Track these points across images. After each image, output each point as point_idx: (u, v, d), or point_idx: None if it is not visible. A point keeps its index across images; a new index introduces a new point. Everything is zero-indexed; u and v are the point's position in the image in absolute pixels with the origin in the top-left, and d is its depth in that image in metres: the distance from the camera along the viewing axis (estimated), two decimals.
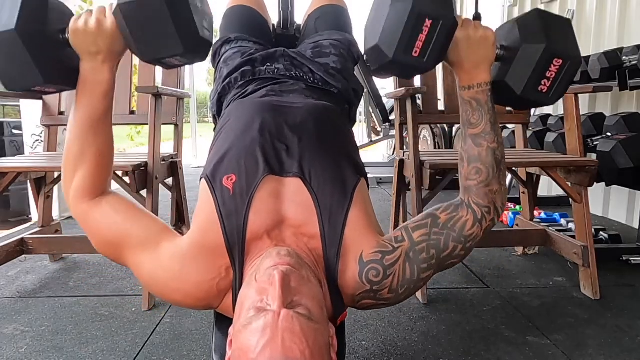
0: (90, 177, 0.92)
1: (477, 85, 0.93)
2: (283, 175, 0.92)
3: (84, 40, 0.87)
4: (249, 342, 0.67)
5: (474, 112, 0.93)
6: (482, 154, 0.93)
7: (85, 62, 0.90)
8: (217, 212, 0.88)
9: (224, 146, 1.00)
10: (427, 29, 0.83)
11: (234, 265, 0.87)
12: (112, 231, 0.90)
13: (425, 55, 0.86)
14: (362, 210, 0.92)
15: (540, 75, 0.90)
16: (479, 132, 0.93)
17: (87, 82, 0.90)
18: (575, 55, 0.90)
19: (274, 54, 1.38)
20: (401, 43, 0.84)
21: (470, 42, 0.90)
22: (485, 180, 0.93)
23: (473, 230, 0.92)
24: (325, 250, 0.87)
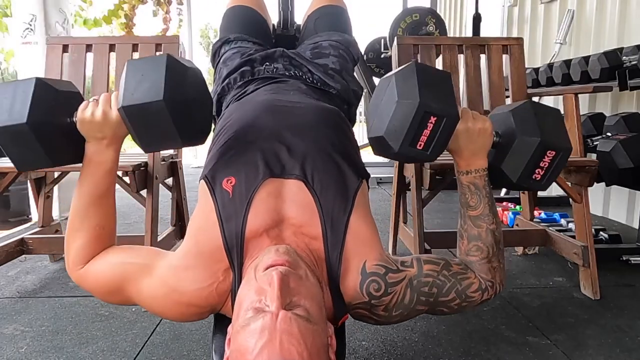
0: (88, 247, 0.95)
1: (474, 170, 0.97)
2: (284, 177, 0.92)
3: (90, 128, 0.91)
4: (247, 344, 0.67)
5: (473, 196, 0.97)
6: (481, 234, 0.97)
7: (90, 144, 0.94)
8: (217, 215, 0.88)
9: (223, 147, 1.00)
10: (431, 125, 0.88)
11: (233, 267, 0.87)
12: (109, 278, 0.92)
13: (429, 149, 0.90)
14: (363, 215, 0.92)
15: (535, 166, 0.96)
16: (478, 214, 0.97)
17: (91, 161, 0.94)
18: (567, 147, 0.97)
19: (273, 54, 1.38)
20: (407, 138, 0.88)
21: (469, 133, 0.94)
22: (486, 257, 0.96)
23: (475, 294, 0.94)
24: (327, 253, 0.87)
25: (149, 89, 0.86)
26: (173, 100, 0.86)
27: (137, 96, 0.86)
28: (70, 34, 3.06)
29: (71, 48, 1.93)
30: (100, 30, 5.28)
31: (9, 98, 0.87)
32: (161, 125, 0.88)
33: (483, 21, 4.09)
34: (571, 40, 3.45)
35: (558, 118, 1.00)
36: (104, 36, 4.27)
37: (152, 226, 1.74)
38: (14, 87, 0.88)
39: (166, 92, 0.85)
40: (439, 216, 2.90)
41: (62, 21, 2.89)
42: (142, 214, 1.81)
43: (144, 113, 0.87)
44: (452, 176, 1.62)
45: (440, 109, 0.87)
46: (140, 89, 0.87)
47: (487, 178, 0.98)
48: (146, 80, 0.87)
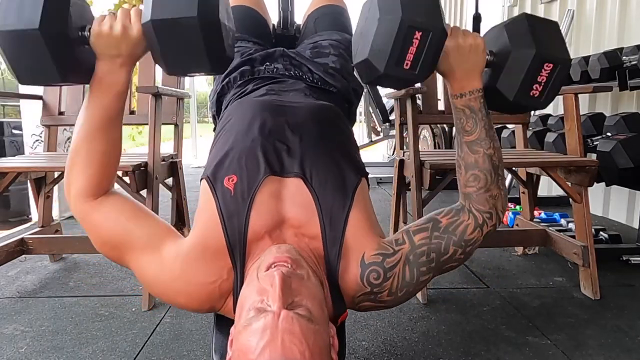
0: (96, 177, 0.90)
1: (469, 92, 0.93)
2: (284, 176, 0.92)
3: (106, 44, 0.86)
4: (249, 343, 0.66)
5: (468, 120, 0.94)
6: (478, 160, 0.94)
7: (102, 62, 0.88)
8: (219, 214, 0.88)
9: (224, 147, 1.00)
10: (417, 42, 0.83)
11: (235, 266, 0.87)
12: (114, 233, 0.89)
13: (417, 68, 0.86)
14: (362, 210, 0.92)
15: (532, 81, 0.91)
16: (474, 139, 0.94)
17: (102, 82, 0.89)
18: (565, 59, 0.91)
19: (273, 53, 1.38)
20: (392, 57, 0.84)
21: (460, 50, 0.90)
22: (484, 187, 0.93)
23: (473, 235, 0.92)
24: (326, 251, 0.87)
25: (182, 4, 0.80)
26: (206, 18, 0.81)
27: (168, 10, 0.81)
28: None
29: None
30: None
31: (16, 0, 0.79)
32: (190, 45, 0.83)
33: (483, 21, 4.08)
34: (571, 40, 3.45)
35: (556, 30, 0.94)
36: None
37: None
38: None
39: (200, 8, 0.80)
40: None
41: None
42: None
43: (174, 29, 0.81)
44: (452, 176, 1.62)
45: (425, 23, 0.82)
46: (172, 3, 0.81)
47: (482, 100, 0.93)
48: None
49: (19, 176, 1.75)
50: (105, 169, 0.92)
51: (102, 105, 0.89)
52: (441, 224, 0.92)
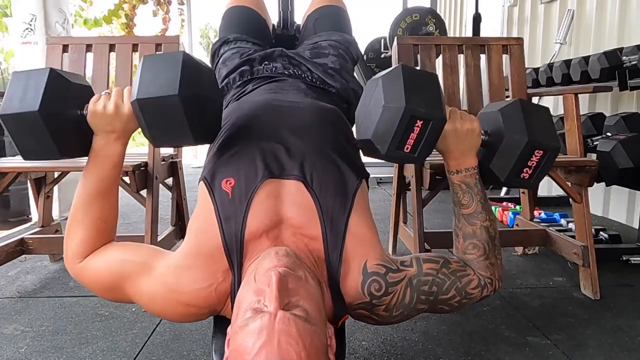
0: (89, 241, 0.94)
1: (465, 170, 0.98)
2: (283, 178, 0.92)
3: (100, 122, 0.91)
4: (245, 344, 0.67)
5: (464, 195, 0.98)
6: (476, 231, 0.97)
7: (98, 137, 0.94)
8: (216, 216, 0.88)
9: (222, 148, 1.00)
10: (418, 129, 0.88)
11: (232, 268, 0.86)
12: (107, 275, 0.91)
13: (417, 151, 0.90)
14: (363, 214, 0.92)
15: (522, 165, 0.97)
16: (471, 212, 0.98)
17: (99, 155, 0.94)
18: (555, 146, 0.97)
19: (272, 53, 1.38)
20: (394, 142, 0.89)
21: (457, 134, 0.95)
22: (483, 255, 0.97)
23: (475, 291, 0.95)
24: (327, 253, 0.87)
25: (165, 84, 0.86)
26: (187, 96, 0.86)
27: (152, 90, 0.87)
28: (70, 34, 3.06)
29: (71, 48, 1.93)
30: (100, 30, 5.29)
31: (21, 86, 0.87)
32: (174, 121, 0.88)
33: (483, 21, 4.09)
34: (571, 40, 3.45)
35: (547, 117, 1.00)
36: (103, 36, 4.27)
37: (152, 226, 1.74)
38: (27, 77, 0.88)
39: (181, 87, 0.85)
40: (439, 216, 2.90)
41: (62, 21, 2.89)
42: (142, 214, 1.81)
43: (158, 107, 0.87)
44: None
45: (426, 113, 0.87)
46: (156, 83, 0.87)
47: (477, 176, 0.98)
48: (162, 75, 0.87)
49: (19, 176, 1.75)
50: (100, 233, 0.96)
51: (98, 175, 0.94)
52: (451, 266, 0.94)
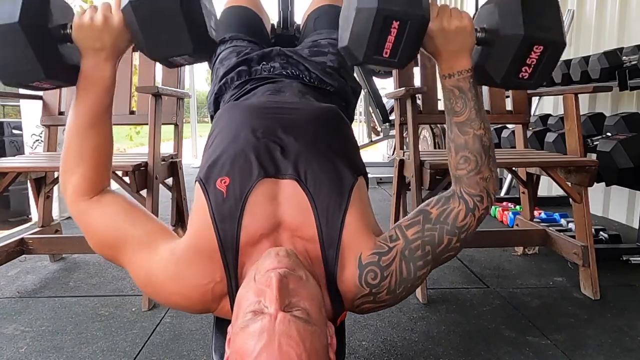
0: (90, 175, 0.91)
1: (457, 73, 0.91)
2: (278, 177, 0.91)
3: (88, 36, 0.85)
4: (246, 346, 0.66)
5: (457, 100, 0.92)
6: (468, 141, 0.92)
7: (87, 58, 0.88)
8: (211, 216, 0.88)
9: (217, 148, 0.99)
10: (395, 31, 0.81)
11: (227, 269, 0.86)
12: (111, 232, 0.89)
13: (397, 55, 0.84)
14: (359, 210, 0.91)
15: (520, 63, 0.88)
16: (463, 119, 0.92)
17: (88, 78, 0.89)
18: (556, 40, 0.86)
19: (270, 52, 1.37)
20: (370, 46, 0.83)
21: (445, 33, 0.88)
22: (475, 169, 0.92)
23: (466, 220, 0.91)
24: (323, 252, 0.87)
25: None
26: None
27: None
28: None
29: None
30: None
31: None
32: (171, 23, 0.82)
33: None
34: (571, 40, 3.45)
35: (552, 8, 0.89)
36: None
37: None
38: None
39: None
40: None
41: None
42: None
43: (153, 9, 0.81)
44: None
45: (402, 12, 0.80)
46: None
47: (472, 80, 0.91)
48: None
49: (19, 176, 1.75)
50: (99, 165, 0.91)
51: (90, 101, 0.89)
52: (432, 215, 0.91)
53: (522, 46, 0.85)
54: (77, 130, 0.90)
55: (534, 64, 0.88)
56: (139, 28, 0.84)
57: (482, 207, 0.92)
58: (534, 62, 0.87)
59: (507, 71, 0.89)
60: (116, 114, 1.05)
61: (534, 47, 0.86)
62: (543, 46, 0.86)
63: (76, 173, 0.90)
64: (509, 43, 0.86)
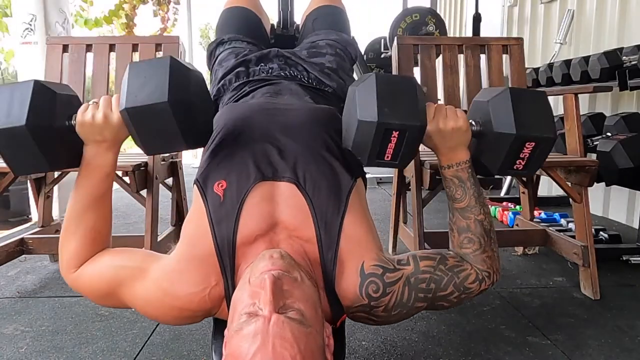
0: (83, 251, 0.94)
1: (456, 164, 0.96)
2: (276, 180, 0.91)
3: (90, 132, 0.90)
4: (240, 348, 0.67)
5: (457, 189, 0.96)
6: (470, 225, 0.96)
7: (89, 147, 0.92)
8: (208, 219, 0.88)
9: (215, 151, 1.00)
10: (394, 139, 0.87)
11: (224, 271, 0.86)
12: (103, 282, 0.91)
13: (397, 159, 0.90)
14: (358, 213, 0.91)
15: (514, 157, 0.94)
16: (464, 206, 0.96)
17: (90, 165, 0.93)
18: (547, 137, 0.92)
19: (268, 54, 1.37)
20: (372, 153, 0.89)
21: (442, 133, 0.92)
22: (479, 249, 0.95)
23: (473, 285, 0.93)
24: (321, 255, 0.87)
25: (153, 91, 0.85)
26: (177, 102, 0.85)
27: (140, 98, 0.85)
28: (71, 34, 3.06)
29: (71, 48, 1.93)
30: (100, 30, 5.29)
31: (6, 100, 0.85)
32: (165, 128, 0.87)
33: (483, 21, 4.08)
34: (571, 40, 3.45)
35: (541, 104, 0.95)
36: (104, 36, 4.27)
37: (152, 226, 1.74)
38: (12, 90, 0.87)
39: (170, 93, 0.84)
40: (439, 216, 2.90)
41: (62, 21, 2.89)
42: (142, 214, 1.81)
43: (148, 115, 0.86)
44: None
45: (400, 124, 0.86)
46: (144, 91, 0.86)
47: (470, 170, 0.96)
48: (150, 82, 0.86)
49: (19, 176, 1.75)
50: (93, 243, 0.95)
51: (90, 185, 0.93)
52: (448, 262, 0.93)
53: (514, 144, 0.91)
54: (76, 210, 0.94)
55: (527, 157, 0.94)
56: (135, 131, 0.89)
57: (488, 282, 0.95)
58: (526, 156, 0.94)
59: (502, 164, 0.95)
60: None
61: (526, 144, 0.92)
62: (535, 142, 0.92)
63: (70, 248, 0.94)
64: (503, 140, 0.92)
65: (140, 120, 0.87)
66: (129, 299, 0.90)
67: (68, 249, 0.94)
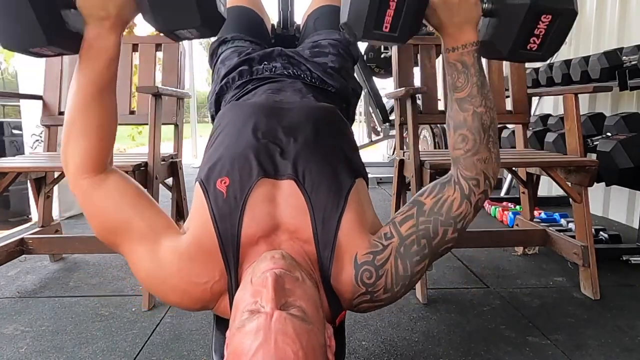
0: (94, 151, 0.86)
1: (462, 46, 0.87)
2: (277, 178, 0.91)
3: (92, 4, 0.80)
4: (242, 345, 0.67)
5: (460, 75, 0.88)
6: (467, 119, 0.88)
7: (91, 27, 0.82)
8: (211, 216, 0.88)
9: (218, 149, 0.99)
10: (394, 4, 0.78)
11: (228, 268, 0.86)
12: (115, 216, 0.87)
13: (397, 30, 0.81)
14: (357, 212, 0.91)
15: (528, 34, 0.84)
16: (464, 95, 0.88)
17: (92, 48, 0.83)
18: (566, 8, 0.82)
19: (271, 53, 1.38)
20: (369, 21, 0.80)
21: (448, 5, 0.84)
22: (472, 149, 0.88)
23: (461, 209, 0.88)
24: (318, 253, 0.87)
25: None
26: None
27: None
28: None
29: None
30: None
31: None
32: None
33: None
34: (571, 40, 3.45)
35: None
36: None
37: None
38: None
39: None
40: None
41: None
42: None
43: None
44: None
45: None
46: None
47: (476, 54, 0.87)
48: None
49: (19, 176, 1.75)
50: (103, 140, 0.88)
51: (93, 73, 0.84)
52: (425, 206, 0.89)
53: (528, 15, 0.82)
54: (79, 103, 0.85)
55: (543, 34, 0.84)
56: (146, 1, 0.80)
57: (478, 192, 0.88)
58: (542, 33, 0.84)
59: (514, 43, 0.85)
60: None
61: (542, 16, 0.82)
62: (551, 15, 0.82)
63: (79, 148, 0.86)
64: (516, 13, 0.82)
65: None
66: (129, 252, 0.87)
67: (77, 148, 0.86)
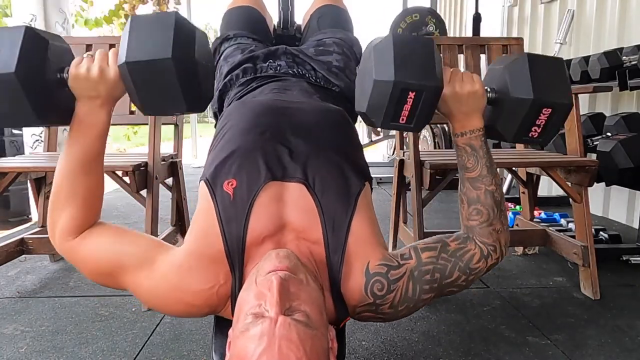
0: (79, 217, 0.90)
1: (469, 132, 0.94)
2: (286, 180, 0.91)
3: (84, 86, 0.86)
4: (246, 349, 0.66)
5: (469, 158, 0.95)
6: (480, 196, 0.94)
7: (81, 104, 0.88)
8: (217, 218, 0.87)
9: (225, 148, 0.98)
10: (411, 100, 0.86)
11: (233, 271, 0.86)
12: (104, 261, 0.88)
13: (412, 121, 0.89)
14: (366, 217, 0.91)
15: (530, 124, 0.93)
16: (475, 176, 0.94)
17: (82, 123, 0.88)
18: (564, 103, 0.91)
19: (276, 51, 1.37)
20: (387, 115, 0.87)
21: (457, 97, 0.91)
22: (487, 221, 0.93)
23: (479, 264, 0.92)
24: (328, 257, 0.87)
25: (156, 46, 0.80)
26: (181, 59, 0.80)
27: (142, 52, 0.80)
28: (70, 34, 3.06)
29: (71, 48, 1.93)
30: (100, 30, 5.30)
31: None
32: (166, 86, 0.82)
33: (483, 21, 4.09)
34: (571, 40, 3.45)
35: (558, 70, 0.94)
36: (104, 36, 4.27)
37: (152, 226, 1.73)
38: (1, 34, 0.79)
39: (175, 50, 0.79)
40: (439, 216, 2.90)
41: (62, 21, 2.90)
42: (142, 214, 1.81)
43: (149, 71, 0.81)
44: (452, 176, 1.62)
45: (417, 84, 0.84)
46: (147, 45, 0.80)
47: (483, 138, 0.95)
48: (153, 36, 0.81)
49: (19, 176, 1.75)
50: (88, 208, 0.91)
51: (82, 145, 0.89)
52: (450, 248, 0.92)
53: (531, 109, 0.90)
54: (68, 173, 0.89)
55: (543, 125, 0.92)
56: (133, 87, 0.84)
57: (494, 257, 0.93)
58: (542, 123, 0.92)
59: (517, 131, 0.94)
60: (116, 113, 1.05)
61: (543, 109, 0.90)
62: (551, 108, 0.90)
63: (64, 214, 0.89)
64: (519, 105, 0.91)
65: (140, 77, 0.82)
66: (131, 285, 0.88)
67: (62, 214, 0.89)
